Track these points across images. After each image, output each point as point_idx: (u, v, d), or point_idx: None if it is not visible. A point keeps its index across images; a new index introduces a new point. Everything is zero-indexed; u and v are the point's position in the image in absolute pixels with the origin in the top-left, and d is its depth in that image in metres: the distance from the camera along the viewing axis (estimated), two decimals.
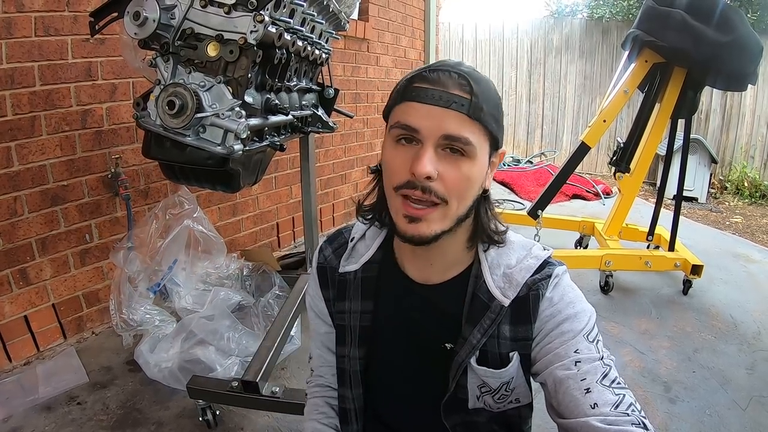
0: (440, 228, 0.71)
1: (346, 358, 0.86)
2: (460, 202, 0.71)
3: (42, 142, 1.93)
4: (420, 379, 0.83)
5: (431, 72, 0.71)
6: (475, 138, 0.69)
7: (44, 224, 1.98)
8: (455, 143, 0.68)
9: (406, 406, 0.86)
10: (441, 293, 0.80)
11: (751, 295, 3.08)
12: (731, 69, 2.61)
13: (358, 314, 0.84)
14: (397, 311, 0.83)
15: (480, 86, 0.69)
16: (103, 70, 2.08)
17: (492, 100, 0.71)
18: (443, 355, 0.79)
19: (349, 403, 0.88)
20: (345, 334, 0.86)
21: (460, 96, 0.68)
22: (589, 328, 0.72)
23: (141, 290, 1.99)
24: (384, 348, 0.85)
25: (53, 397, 1.82)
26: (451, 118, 0.67)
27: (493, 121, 0.71)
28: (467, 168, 0.70)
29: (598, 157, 6.88)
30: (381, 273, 0.85)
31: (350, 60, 3.76)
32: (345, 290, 0.86)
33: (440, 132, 0.67)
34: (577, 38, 6.86)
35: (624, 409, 0.62)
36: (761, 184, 5.95)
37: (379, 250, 0.86)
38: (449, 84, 0.68)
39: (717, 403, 2.01)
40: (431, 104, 0.68)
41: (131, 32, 1.13)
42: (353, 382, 0.86)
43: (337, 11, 1.71)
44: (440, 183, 0.68)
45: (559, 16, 7.92)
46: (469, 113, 0.68)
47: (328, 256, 0.90)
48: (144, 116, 1.21)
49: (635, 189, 3.12)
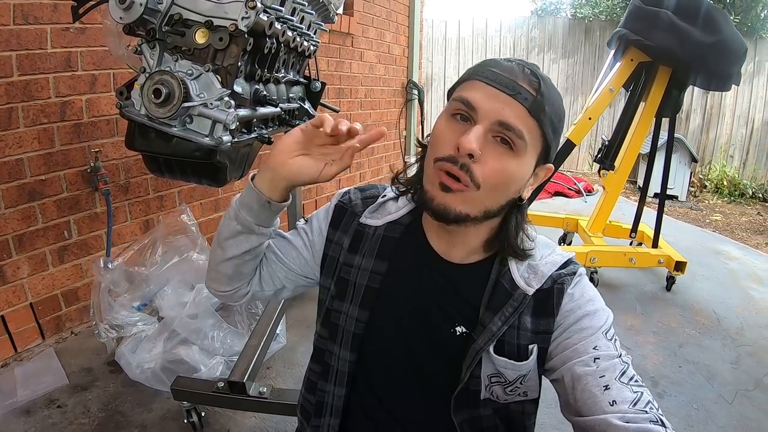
0: (465, 210, 0.70)
1: (342, 314, 0.82)
2: (492, 195, 0.71)
3: (19, 135, 1.85)
4: (426, 362, 0.80)
5: (507, 61, 0.71)
6: (528, 135, 0.68)
7: (21, 220, 1.91)
8: (508, 132, 0.67)
9: (409, 387, 0.82)
10: (462, 274, 0.79)
11: (732, 291, 3.14)
12: (716, 69, 2.67)
13: (367, 272, 0.81)
14: (416, 282, 0.80)
15: (548, 90, 0.70)
16: (83, 60, 2.01)
17: (557, 108, 0.71)
18: (454, 340, 0.77)
19: (334, 360, 0.84)
20: (346, 290, 0.82)
21: (527, 90, 0.67)
22: (608, 327, 0.72)
23: (124, 302, 1.93)
24: (390, 318, 0.81)
25: (32, 401, 1.75)
26: (512, 107, 0.67)
27: (551, 129, 0.70)
28: (512, 163, 0.69)
29: (579, 154, 6.97)
30: (403, 236, 0.82)
31: (334, 55, 3.72)
32: (360, 243, 0.83)
33: (497, 117, 0.67)
34: (560, 37, 6.93)
35: (642, 406, 0.62)
36: (740, 183, 6.10)
37: (409, 214, 0.84)
38: (520, 76, 0.68)
39: (704, 398, 2.03)
40: (498, 88, 0.67)
41: (116, 16, 1.08)
42: (344, 343, 0.82)
43: (327, 2, 1.68)
44: (480, 167, 0.68)
45: (544, 14, 8.00)
46: (530, 108, 0.67)
47: (355, 201, 0.88)
48: (128, 106, 1.16)
49: (620, 186, 3.16)
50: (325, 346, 0.86)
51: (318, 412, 0.86)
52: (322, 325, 0.87)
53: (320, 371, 0.87)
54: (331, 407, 0.84)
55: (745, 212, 5.51)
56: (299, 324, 2.35)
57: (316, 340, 0.89)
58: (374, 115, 4.42)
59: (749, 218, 5.27)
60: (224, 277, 0.86)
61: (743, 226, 4.99)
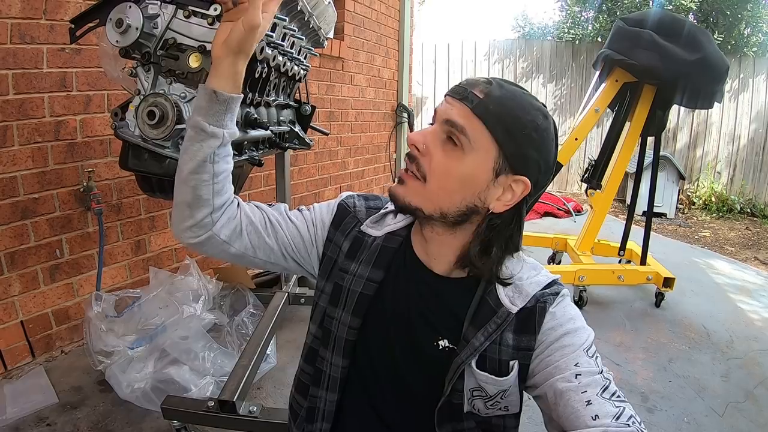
0: (414, 202, 0.76)
1: (334, 320, 0.84)
2: (442, 194, 0.74)
3: (13, 153, 1.87)
4: (410, 374, 0.81)
5: (475, 77, 0.78)
6: (472, 132, 0.71)
7: (13, 238, 1.91)
8: (452, 129, 0.72)
9: (394, 398, 0.84)
10: (450, 288, 0.81)
11: (721, 305, 3.17)
12: (699, 87, 2.73)
13: (362, 280, 0.82)
14: (403, 291, 0.82)
15: (499, 95, 0.72)
16: (78, 81, 2.04)
17: (509, 113, 0.71)
18: (437, 353, 0.79)
19: (326, 366, 0.84)
20: (340, 295, 0.84)
21: (474, 94, 0.72)
22: (589, 344, 0.74)
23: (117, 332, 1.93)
24: (380, 327, 0.82)
25: (21, 418, 1.74)
26: (458, 108, 0.73)
27: (501, 130, 0.71)
28: (455, 158, 0.73)
29: (568, 175, 7.05)
30: (400, 247, 0.85)
31: (325, 78, 3.78)
32: (358, 251, 0.85)
33: (444, 116, 0.73)
34: (547, 60, 7.07)
35: (625, 420, 0.64)
36: (728, 199, 6.18)
37: (406, 227, 0.86)
38: (476, 86, 0.73)
39: (694, 411, 2.05)
40: (453, 96, 0.74)
41: (113, 40, 1.12)
42: (336, 348, 0.83)
43: (317, 28, 1.72)
44: (427, 160, 0.74)
45: (530, 38, 8.17)
46: (473, 108, 0.71)
47: (359, 207, 0.90)
48: (122, 126, 1.19)
49: (607, 205, 3.20)
50: (318, 348, 0.87)
51: (310, 418, 0.87)
52: (317, 326, 0.88)
53: (312, 375, 0.88)
54: (323, 412, 0.85)
55: (733, 227, 5.58)
56: (289, 345, 2.34)
57: (311, 340, 0.90)
58: (364, 138, 4.47)
59: (738, 233, 5.35)
60: (183, 206, 0.81)
61: (732, 240, 5.05)
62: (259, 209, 0.89)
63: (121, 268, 2.34)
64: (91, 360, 1.89)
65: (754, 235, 5.28)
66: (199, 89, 0.78)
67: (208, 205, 0.80)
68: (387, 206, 0.89)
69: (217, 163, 0.79)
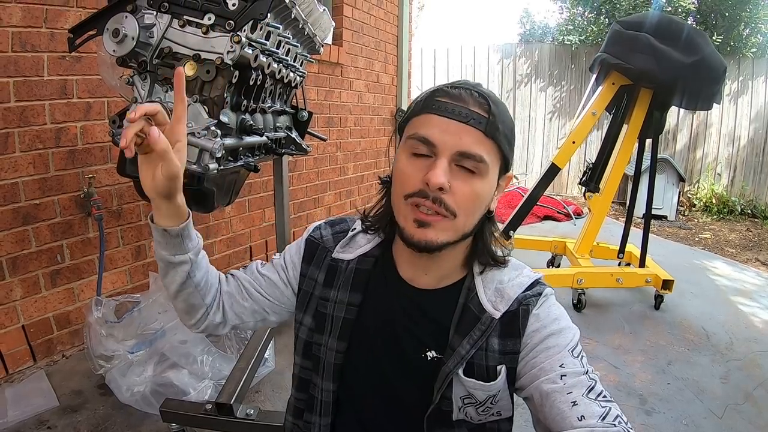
0: (446, 239, 0.74)
1: (322, 347, 0.85)
2: (468, 218, 0.74)
3: (15, 160, 1.90)
4: (400, 386, 0.82)
5: (453, 88, 0.74)
6: (488, 157, 0.72)
7: (15, 243, 1.94)
8: (469, 160, 0.71)
9: (385, 411, 0.84)
10: (431, 300, 0.81)
11: (721, 307, 3.17)
12: (696, 89, 2.74)
13: (343, 305, 0.84)
14: (386, 310, 0.83)
15: (498, 107, 0.73)
16: (78, 88, 2.07)
17: (507, 123, 0.74)
18: (425, 363, 0.79)
19: (318, 392, 0.86)
20: (324, 323, 0.85)
21: (478, 113, 0.71)
22: (574, 344, 0.74)
23: (117, 337, 1.95)
24: (366, 346, 0.83)
25: (22, 421, 1.76)
26: (468, 135, 0.70)
27: (506, 143, 0.74)
28: (478, 185, 0.72)
29: (568, 178, 7.05)
30: (375, 268, 0.86)
31: (324, 84, 3.80)
32: (334, 278, 0.86)
33: (456, 148, 0.70)
34: (546, 63, 7.09)
35: (611, 420, 0.63)
36: (729, 200, 6.17)
37: (378, 247, 0.87)
38: (470, 101, 0.72)
39: (693, 413, 2.05)
40: (451, 118, 0.71)
41: (110, 49, 1.14)
42: (326, 374, 0.84)
43: (312, 35, 1.74)
44: (451, 196, 0.71)
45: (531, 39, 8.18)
46: (485, 131, 0.70)
47: (326, 236, 0.91)
48: (120, 133, 1.21)
49: (605, 208, 3.21)
50: (309, 377, 0.88)
51: None
52: (303, 357, 0.90)
53: (305, 401, 0.89)
54: None
55: (734, 229, 5.58)
56: (287, 349, 2.33)
57: (298, 370, 0.92)
58: (363, 144, 4.49)
59: (739, 234, 5.34)
60: (182, 313, 0.90)
61: (733, 242, 5.05)
62: (234, 278, 0.94)
63: (121, 273, 2.36)
64: (91, 364, 1.92)
65: (755, 236, 5.27)
66: (151, 226, 0.79)
67: (202, 307, 0.89)
68: (355, 227, 0.90)
69: (195, 275, 0.85)
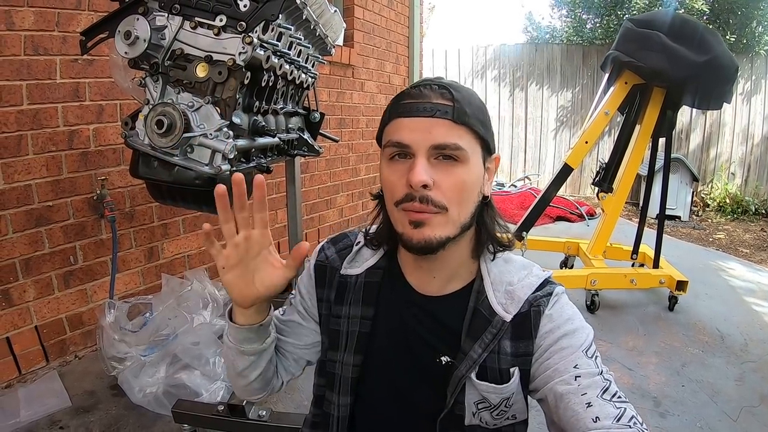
0: (444, 234, 0.73)
1: (338, 363, 0.84)
2: (461, 208, 0.73)
3: (28, 162, 1.92)
4: (415, 393, 0.82)
5: (414, 88, 0.75)
6: (464, 142, 0.71)
7: (28, 245, 1.95)
8: (445, 150, 0.71)
9: (400, 419, 0.84)
10: (442, 305, 0.81)
11: (736, 308, 3.12)
12: (708, 88, 2.70)
13: (357, 320, 0.83)
14: (397, 320, 0.82)
15: (461, 93, 0.73)
16: (90, 91, 2.08)
17: (475, 105, 0.74)
18: (439, 369, 0.78)
19: (334, 409, 0.86)
20: (339, 339, 0.84)
21: (443, 104, 0.71)
22: (588, 344, 0.73)
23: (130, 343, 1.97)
24: (380, 357, 0.83)
25: (35, 421, 1.77)
26: (437, 127, 0.70)
27: (479, 125, 0.73)
28: (461, 173, 0.72)
29: (581, 179, 6.99)
30: (384, 280, 0.85)
31: (335, 85, 3.81)
32: (344, 294, 0.85)
33: (429, 143, 0.70)
34: (558, 63, 7.04)
35: (626, 421, 0.62)
36: (743, 200, 6.09)
37: (385, 257, 0.86)
38: (432, 95, 0.72)
39: (707, 416, 2.01)
40: (417, 116, 0.71)
41: (122, 51, 1.15)
42: (342, 389, 0.84)
43: (323, 36, 1.74)
44: (437, 191, 0.71)
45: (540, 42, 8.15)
46: (453, 119, 0.71)
47: (331, 256, 0.90)
48: (132, 135, 1.22)
49: (618, 208, 3.17)
50: (323, 393, 0.89)
51: None
52: (319, 375, 0.90)
53: (321, 418, 0.89)
54: None
55: (749, 229, 5.50)
56: None
57: (315, 388, 0.92)
58: (375, 145, 4.45)
59: (753, 235, 5.26)
60: (256, 390, 0.90)
61: (747, 242, 4.98)
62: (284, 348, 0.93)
63: (134, 275, 2.37)
64: (104, 365, 1.93)
65: None
66: (233, 330, 0.80)
67: (274, 376, 0.91)
68: (359, 240, 0.90)
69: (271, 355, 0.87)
